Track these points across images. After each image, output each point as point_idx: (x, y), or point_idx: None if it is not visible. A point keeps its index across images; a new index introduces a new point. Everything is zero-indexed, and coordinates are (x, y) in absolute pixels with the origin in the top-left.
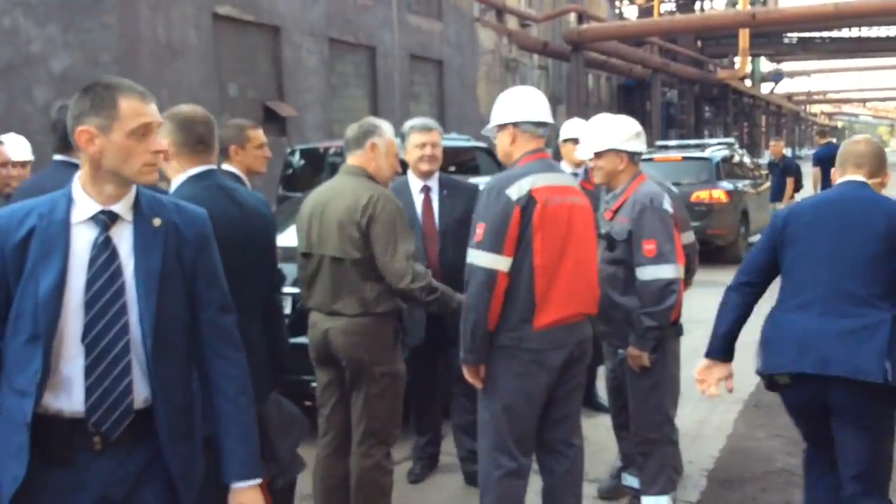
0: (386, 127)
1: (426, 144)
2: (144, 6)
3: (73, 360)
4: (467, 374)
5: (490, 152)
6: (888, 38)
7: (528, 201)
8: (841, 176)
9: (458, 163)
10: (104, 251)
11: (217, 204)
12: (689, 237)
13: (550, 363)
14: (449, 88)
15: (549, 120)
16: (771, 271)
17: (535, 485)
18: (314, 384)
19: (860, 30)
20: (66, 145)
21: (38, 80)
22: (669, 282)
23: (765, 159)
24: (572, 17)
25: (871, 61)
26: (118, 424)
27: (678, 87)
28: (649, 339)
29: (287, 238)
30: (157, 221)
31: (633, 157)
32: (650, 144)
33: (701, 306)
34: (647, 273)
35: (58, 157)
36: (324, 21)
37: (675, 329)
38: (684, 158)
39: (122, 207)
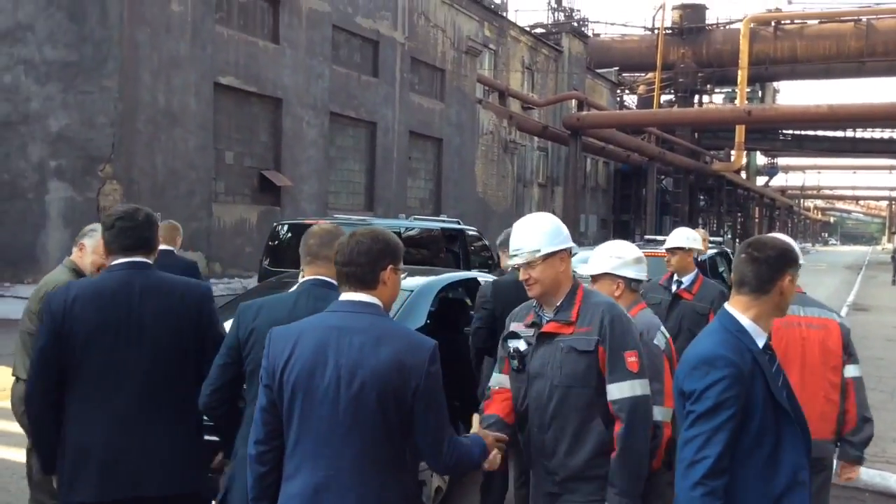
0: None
1: None
2: (146, 72)
3: None
4: None
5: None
6: (881, 140)
7: None
8: None
9: (425, 247)
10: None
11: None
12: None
13: None
14: (447, 166)
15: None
16: None
17: None
18: None
19: (854, 130)
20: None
21: (33, 138)
22: None
23: None
24: (573, 102)
25: (864, 161)
26: None
27: (674, 175)
28: None
29: None
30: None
31: (631, 283)
32: (643, 234)
33: None
34: None
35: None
36: (326, 95)
37: None
38: None
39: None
